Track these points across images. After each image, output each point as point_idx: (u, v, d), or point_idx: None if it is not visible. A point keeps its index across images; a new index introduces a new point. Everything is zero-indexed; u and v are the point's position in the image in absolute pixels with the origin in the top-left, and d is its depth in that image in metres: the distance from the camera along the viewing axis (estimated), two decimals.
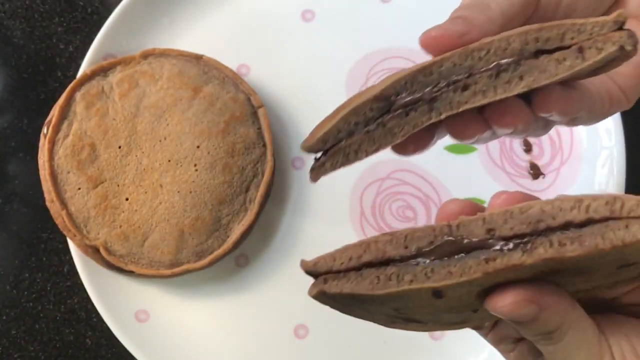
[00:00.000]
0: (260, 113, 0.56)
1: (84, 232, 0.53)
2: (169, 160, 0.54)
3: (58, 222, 0.54)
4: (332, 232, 0.57)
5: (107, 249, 0.53)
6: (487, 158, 0.58)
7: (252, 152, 0.55)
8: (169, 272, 0.54)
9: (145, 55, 0.56)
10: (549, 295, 0.26)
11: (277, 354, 0.56)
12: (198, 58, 0.57)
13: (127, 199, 0.54)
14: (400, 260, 0.27)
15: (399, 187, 0.58)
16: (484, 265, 0.25)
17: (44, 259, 0.59)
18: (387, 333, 0.56)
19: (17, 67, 0.62)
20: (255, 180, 0.55)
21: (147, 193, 0.54)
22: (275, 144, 0.57)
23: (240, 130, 0.55)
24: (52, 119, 0.54)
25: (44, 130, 0.54)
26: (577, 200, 0.25)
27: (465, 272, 0.25)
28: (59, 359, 0.58)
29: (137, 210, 0.54)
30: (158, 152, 0.54)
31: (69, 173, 0.54)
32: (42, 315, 0.58)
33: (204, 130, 0.54)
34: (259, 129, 0.56)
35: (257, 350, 0.56)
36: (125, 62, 0.56)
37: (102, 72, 0.56)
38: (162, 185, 0.54)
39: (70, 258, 0.55)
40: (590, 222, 0.25)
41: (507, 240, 0.26)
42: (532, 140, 0.58)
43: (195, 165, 0.54)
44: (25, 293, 0.59)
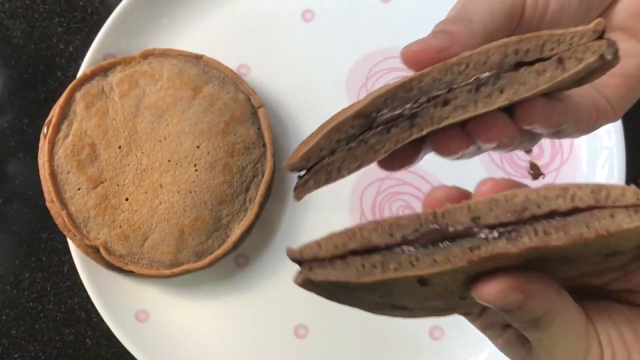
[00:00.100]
0: (260, 113, 0.56)
1: (84, 232, 0.53)
2: (169, 160, 0.54)
3: (58, 222, 0.54)
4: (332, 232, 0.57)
5: (107, 249, 0.53)
6: (487, 158, 0.58)
7: (252, 152, 0.55)
8: (169, 272, 0.54)
9: (145, 55, 0.56)
10: (535, 283, 0.26)
11: (277, 354, 0.56)
12: (198, 58, 0.57)
13: (127, 199, 0.54)
14: (386, 248, 0.27)
15: (399, 187, 0.58)
16: (469, 254, 0.25)
17: (44, 259, 0.59)
18: (387, 333, 0.56)
19: (17, 67, 0.62)
20: (255, 180, 0.55)
21: (147, 193, 0.54)
22: (275, 144, 0.57)
23: (240, 130, 0.55)
24: (52, 119, 0.54)
25: (44, 130, 0.54)
26: (562, 189, 0.25)
27: (450, 260, 0.25)
28: (59, 359, 0.58)
29: (137, 210, 0.54)
30: (158, 152, 0.54)
31: (69, 173, 0.54)
32: (42, 315, 0.58)
33: (204, 130, 0.54)
34: (259, 129, 0.56)
35: (257, 350, 0.56)
36: (125, 62, 0.56)
37: (102, 72, 0.56)
38: (162, 185, 0.54)
39: (70, 258, 0.55)
40: (576, 210, 0.25)
41: (492, 229, 0.25)
42: None
43: (195, 165, 0.54)
44: (25, 293, 0.59)
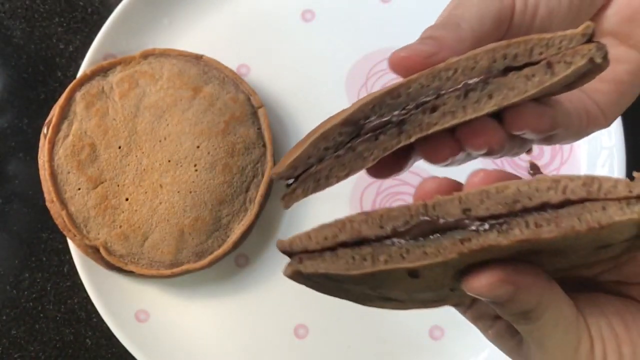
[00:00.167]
0: (260, 113, 0.56)
1: (84, 232, 0.53)
2: (169, 161, 0.54)
3: (58, 222, 0.54)
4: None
5: (107, 249, 0.53)
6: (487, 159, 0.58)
7: (252, 152, 0.55)
8: (169, 272, 0.54)
9: (145, 55, 0.56)
10: (526, 275, 0.26)
11: (277, 354, 0.56)
12: (198, 58, 0.57)
13: (127, 199, 0.54)
14: (376, 240, 0.26)
15: (399, 187, 0.58)
16: (459, 246, 0.25)
17: (44, 259, 0.59)
18: (387, 333, 0.56)
19: (17, 67, 0.62)
20: (255, 181, 0.55)
21: (147, 193, 0.54)
22: (275, 144, 0.57)
23: (240, 130, 0.55)
24: (52, 119, 0.54)
25: (44, 130, 0.54)
26: (554, 181, 0.25)
27: (441, 252, 0.25)
28: (59, 359, 0.58)
29: (137, 210, 0.54)
30: (158, 152, 0.54)
31: (69, 173, 0.54)
32: (42, 315, 0.58)
33: (204, 130, 0.54)
34: (259, 129, 0.56)
35: (257, 350, 0.56)
36: (125, 62, 0.56)
37: (102, 72, 0.56)
38: (162, 186, 0.54)
39: (70, 258, 0.55)
40: (567, 203, 0.25)
41: (483, 221, 0.25)
42: None
43: (195, 165, 0.54)
44: (25, 293, 0.59)
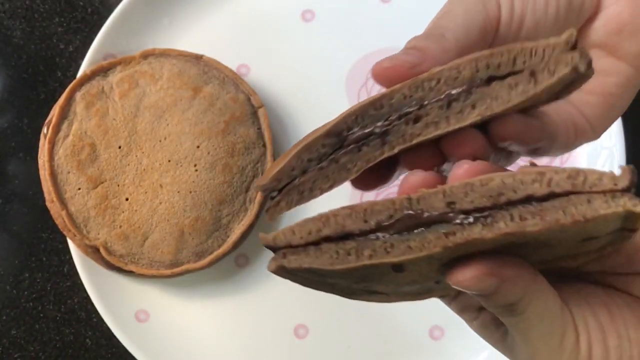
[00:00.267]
0: (260, 113, 0.56)
1: (84, 232, 0.53)
2: (169, 160, 0.54)
3: (58, 222, 0.54)
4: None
5: (107, 249, 0.53)
6: None
7: (252, 152, 0.55)
8: (169, 272, 0.54)
9: (145, 55, 0.56)
10: (510, 268, 0.26)
11: (277, 354, 0.56)
12: (198, 58, 0.57)
13: (127, 199, 0.54)
14: (360, 235, 0.26)
15: None
16: (444, 240, 0.25)
17: (44, 259, 0.59)
18: (387, 333, 0.56)
19: (17, 67, 0.62)
20: (256, 180, 0.55)
21: (147, 193, 0.54)
22: (275, 144, 0.57)
23: (240, 130, 0.55)
24: (52, 119, 0.54)
25: (44, 130, 0.54)
26: (539, 173, 0.25)
27: (425, 246, 0.25)
28: (59, 359, 0.58)
29: (137, 210, 0.54)
30: (158, 152, 0.54)
31: (69, 173, 0.54)
32: (42, 315, 0.58)
33: (204, 130, 0.54)
34: (259, 129, 0.56)
35: (257, 350, 0.56)
36: (125, 62, 0.56)
37: (102, 72, 0.56)
38: (162, 185, 0.54)
39: (70, 258, 0.55)
40: (552, 196, 0.25)
41: (467, 214, 0.25)
42: None
43: (195, 165, 0.54)
44: (25, 293, 0.59)
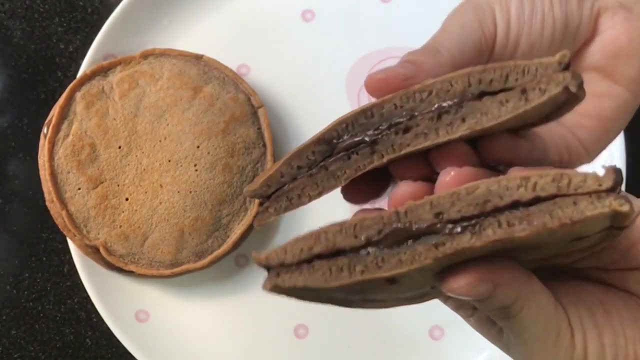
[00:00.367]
0: (260, 113, 0.56)
1: (84, 232, 0.53)
2: (169, 160, 0.54)
3: (58, 222, 0.54)
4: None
5: (107, 249, 0.53)
6: None
7: (252, 152, 0.55)
8: (169, 272, 0.54)
9: (145, 55, 0.56)
10: (503, 272, 0.26)
11: (277, 354, 0.56)
12: (198, 58, 0.57)
13: (127, 199, 0.54)
14: (351, 251, 0.26)
15: None
16: (434, 251, 0.25)
17: (44, 259, 0.59)
18: (387, 333, 0.56)
19: (17, 67, 0.62)
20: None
21: (147, 193, 0.54)
22: (275, 144, 0.57)
23: (240, 130, 0.55)
24: (52, 119, 0.54)
25: (44, 130, 0.54)
26: (523, 178, 0.25)
27: (416, 259, 0.25)
28: (59, 359, 0.58)
29: (137, 210, 0.54)
30: (158, 152, 0.54)
31: (69, 173, 0.54)
32: (42, 315, 0.58)
33: (204, 130, 0.54)
34: (259, 129, 0.56)
35: (257, 350, 0.56)
36: (125, 62, 0.56)
37: (102, 72, 0.56)
38: (162, 185, 0.54)
39: (70, 258, 0.55)
40: (538, 200, 0.25)
41: (455, 223, 0.25)
42: None
43: (195, 165, 0.54)
44: (25, 293, 0.59)
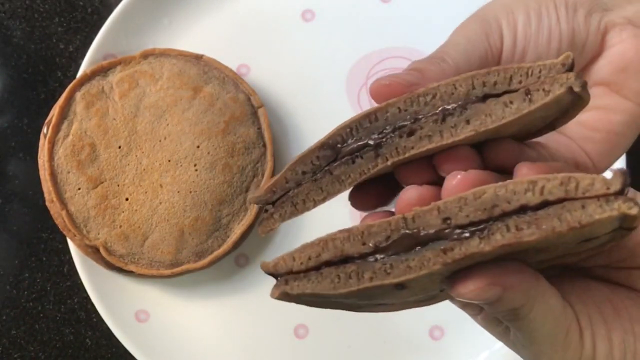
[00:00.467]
0: (260, 113, 0.56)
1: (84, 232, 0.53)
2: (169, 160, 0.54)
3: (58, 222, 0.54)
4: (332, 232, 0.57)
5: (107, 249, 0.53)
6: None
7: (252, 152, 0.55)
8: (169, 272, 0.54)
9: (145, 55, 0.56)
10: (512, 275, 0.26)
11: (277, 354, 0.56)
12: (198, 58, 0.57)
13: (127, 199, 0.54)
14: (359, 257, 0.26)
15: None
16: (443, 257, 0.25)
17: (44, 259, 0.59)
18: (387, 333, 0.56)
19: (17, 67, 0.62)
20: (255, 181, 0.55)
21: (147, 193, 0.54)
22: (275, 144, 0.57)
23: (240, 130, 0.55)
24: (52, 119, 0.54)
25: (44, 130, 0.54)
26: (530, 182, 0.25)
27: (424, 265, 0.25)
28: (59, 359, 0.58)
29: (137, 210, 0.54)
30: (158, 152, 0.54)
31: (69, 173, 0.54)
32: (42, 315, 0.58)
33: (204, 130, 0.54)
34: (259, 129, 0.56)
35: (257, 350, 0.56)
36: (125, 62, 0.56)
37: (102, 72, 0.56)
38: (162, 185, 0.54)
39: (70, 258, 0.55)
40: (546, 204, 0.25)
41: (463, 228, 0.25)
42: None
43: (195, 165, 0.54)
44: (25, 293, 0.59)
